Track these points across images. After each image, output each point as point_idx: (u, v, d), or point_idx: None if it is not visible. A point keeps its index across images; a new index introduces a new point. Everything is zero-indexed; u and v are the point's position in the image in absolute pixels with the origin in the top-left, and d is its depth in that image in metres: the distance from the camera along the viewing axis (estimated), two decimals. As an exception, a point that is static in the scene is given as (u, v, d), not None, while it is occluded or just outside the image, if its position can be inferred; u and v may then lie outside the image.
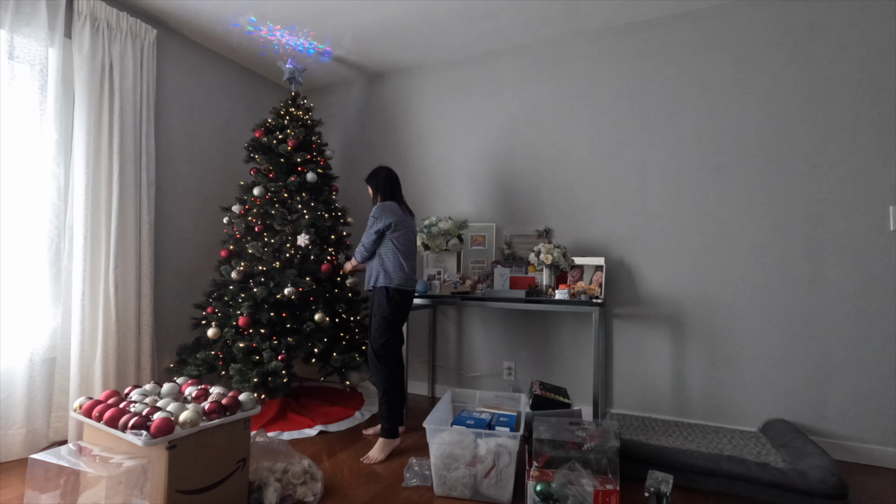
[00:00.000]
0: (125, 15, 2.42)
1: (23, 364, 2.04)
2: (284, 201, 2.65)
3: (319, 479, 1.74)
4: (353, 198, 3.47)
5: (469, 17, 2.61)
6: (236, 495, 1.54)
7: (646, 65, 2.60)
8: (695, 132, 2.48)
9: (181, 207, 2.84)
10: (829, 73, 2.23)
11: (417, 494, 1.75)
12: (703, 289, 2.43)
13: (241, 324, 2.35)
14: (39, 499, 1.26)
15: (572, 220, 2.75)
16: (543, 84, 2.86)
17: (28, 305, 2.08)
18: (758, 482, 1.72)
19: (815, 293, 2.22)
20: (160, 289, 2.69)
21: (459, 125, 3.10)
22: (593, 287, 2.48)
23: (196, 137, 2.94)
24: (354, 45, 2.94)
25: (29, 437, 2.04)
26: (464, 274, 2.83)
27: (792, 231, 2.27)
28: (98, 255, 2.30)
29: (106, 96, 2.33)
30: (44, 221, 2.13)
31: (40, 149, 2.11)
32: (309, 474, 1.72)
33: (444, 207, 3.12)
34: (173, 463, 1.34)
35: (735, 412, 2.35)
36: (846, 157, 2.19)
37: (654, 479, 1.54)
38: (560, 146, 2.79)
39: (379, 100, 3.40)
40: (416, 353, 3.18)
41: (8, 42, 2.00)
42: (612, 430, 1.73)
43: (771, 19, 2.35)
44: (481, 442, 1.70)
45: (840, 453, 2.14)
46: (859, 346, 2.14)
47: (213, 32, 2.83)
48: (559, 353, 2.74)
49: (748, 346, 2.33)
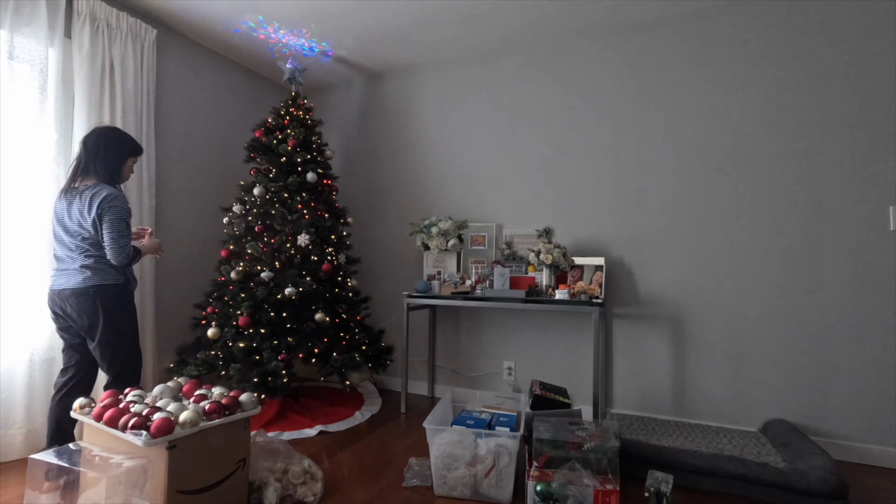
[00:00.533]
0: (125, 15, 2.42)
1: (23, 364, 2.03)
2: (284, 201, 2.65)
3: (319, 478, 1.74)
4: (353, 198, 3.47)
5: (469, 17, 2.61)
6: (236, 495, 1.54)
7: (646, 65, 2.60)
8: (695, 132, 2.48)
9: (181, 207, 2.84)
10: (829, 73, 2.23)
11: (417, 494, 1.75)
12: (703, 288, 2.43)
13: (242, 324, 2.35)
14: (39, 499, 1.26)
15: (572, 220, 2.75)
16: (543, 84, 2.86)
17: (28, 306, 2.07)
18: (758, 482, 1.72)
19: (815, 293, 2.22)
20: (160, 289, 2.69)
21: (459, 125, 3.10)
22: (593, 287, 2.48)
23: (196, 137, 2.94)
24: (355, 44, 2.94)
25: (29, 437, 2.03)
26: (464, 274, 2.83)
27: (792, 231, 2.27)
28: (98, 255, 2.29)
29: (107, 96, 2.33)
30: (44, 221, 2.13)
31: (40, 149, 2.11)
32: (309, 474, 1.72)
33: (444, 207, 3.12)
34: (173, 463, 1.34)
35: (735, 412, 2.35)
36: (846, 157, 2.19)
37: (654, 479, 1.54)
38: (560, 146, 2.79)
39: (379, 100, 3.40)
40: (416, 353, 3.18)
41: (8, 42, 2.00)
42: (612, 430, 1.73)
43: (771, 19, 2.35)
44: (481, 442, 1.70)
45: (840, 453, 2.14)
46: (859, 346, 2.14)
47: (214, 32, 2.83)
48: (559, 353, 2.74)
49: (748, 346, 2.33)
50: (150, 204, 2.53)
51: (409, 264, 3.22)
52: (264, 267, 2.51)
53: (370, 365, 2.81)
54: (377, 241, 3.36)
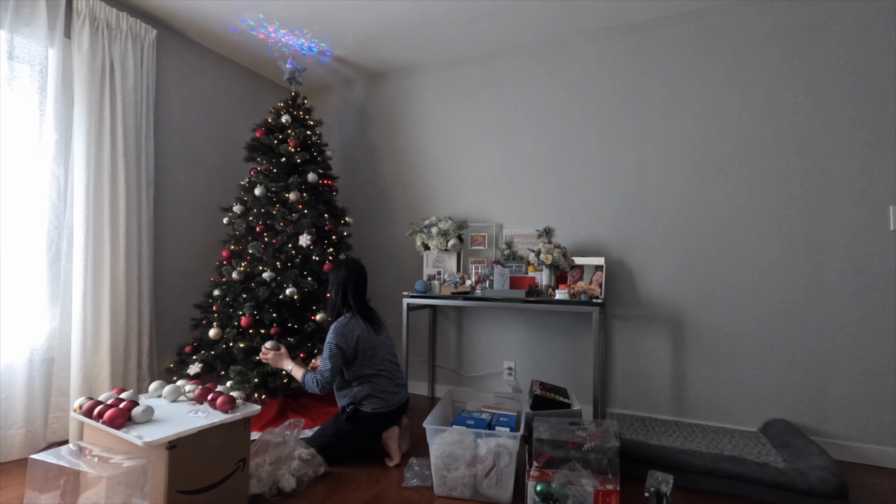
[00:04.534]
0: (125, 15, 2.42)
1: (22, 364, 2.04)
2: (285, 201, 2.65)
3: (322, 463, 1.87)
4: (353, 198, 3.47)
5: (469, 17, 2.61)
6: (237, 495, 1.54)
7: (645, 65, 2.60)
8: (694, 132, 2.48)
9: (181, 207, 2.84)
10: (829, 73, 2.23)
11: (418, 494, 1.74)
12: (703, 288, 2.43)
13: (244, 324, 2.35)
14: (39, 499, 1.26)
15: (572, 220, 2.75)
16: (543, 84, 2.86)
17: (27, 306, 2.07)
18: (758, 482, 1.72)
19: (814, 293, 2.22)
20: (159, 289, 2.69)
21: (459, 125, 3.10)
22: (593, 287, 2.48)
23: (196, 137, 2.94)
24: (355, 44, 2.94)
25: (28, 437, 2.04)
26: (464, 274, 2.83)
27: (791, 231, 2.27)
28: (99, 255, 2.29)
29: (107, 96, 2.33)
30: (43, 221, 2.13)
31: (40, 149, 2.11)
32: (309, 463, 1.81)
33: (445, 207, 3.12)
34: (173, 463, 1.34)
35: (735, 412, 2.35)
36: (846, 158, 2.19)
37: (654, 479, 1.54)
38: (560, 145, 2.79)
39: (379, 100, 3.40)
40: (415, 353, 3.18)
41: (8, 42, 2.00)
42: (612, 430, 1.73)
43: (770, 19, 2.35)
44: (481, 442, 1.70)
45: (840, 453, 2.14)
46: (859, 345, 2.14)
47: (214, 32, 2.83)
48: (559, 353, 2.74)
49: (748, 346, 2.33)
50: (149, 204, 2.53)
51: (409, 264, 3.22)
52: (266, 267, 2.51)
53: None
54: (377, 241, 3.36)
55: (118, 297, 2.34)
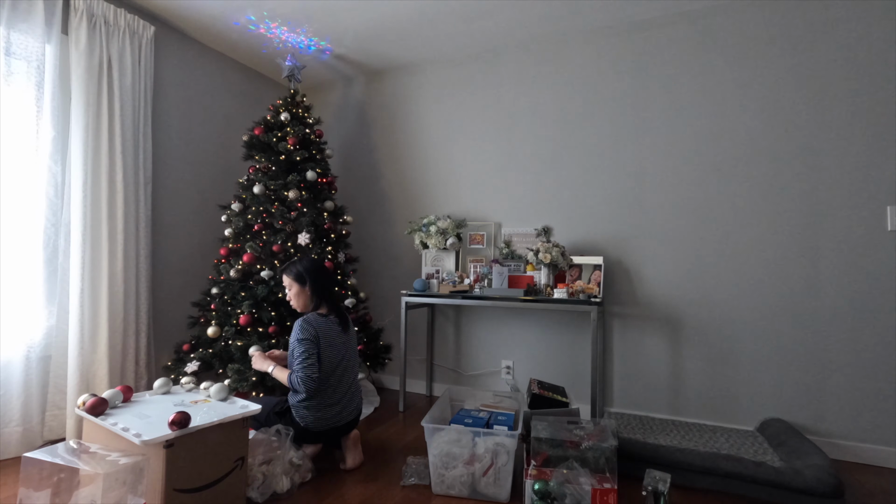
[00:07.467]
0: (122, 11, 2.40)
1: (19, 362, 2.03)
2: (284, 199, 2.64)
3: (309, 469, 1.85)
4: (352, 196, 3.46)
5: (469, 16, 2.61)
6: (234, 494, 1.53)
7: (645, 65, 2.60)
8: (694, 132, 2.48)
9: (179, 205, 2.83)
10: (829, 73, 2.23)
11: (416, 493, 1.75)
12: (701, 288, 2.44)
13: (243, 322, 2.35)
14: (33, 497, 1.26)
15: (571, 219, 2.75)
16: (543, 83, 2.86)
17: (24, 303, 2.07)
18: (754, 481, 1.72)
19: (812, 293, 2.23)
20: (157, 287, 2.69)
21: (458, 123, 3.10)
22: (592, 286, 2.48)
23: (194, 135, 2.93)
24: (355, 42, 2.93)
25: (25, 435, 2.03)
26: (462, 272, 2.83)
27: (790, 231, 2.28)
28: (96, 253, 2.28)
29: (104, 93, 2.31)
30: (40, 218, 2.12)
31: (37, 146, 2.10)
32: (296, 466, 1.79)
33: (443, 205, 3.12)
34: (171, 461, 1.34)
35: (732, 411, 2.35)
36: (844, 158, 2.19)
37: (651, 478, 1.54)
38: (559, 145, 2.79)
39: (378, 98, 3.39)
40: (414, 352, 3.18)
41: (4, 38, 1.99)
42: (609, 429, 1.73)
43: (770, 19, 2.35)
44: (479, 440, 1.70)
45: (836, 452, 2.15)
46: (857, 345, 2.14)
47: (212, 29, 2.81)
48: (557, 351, 2.75)
49: (745, 346, 2.34)
50: (147, 202, 2.52)
51: (408, 263, 3.22)
52: (264, 265, 2.50)
53: (368, 363, 2.81)
54: (376, 239, 3.35)
55: (116, 294, 2.33)
